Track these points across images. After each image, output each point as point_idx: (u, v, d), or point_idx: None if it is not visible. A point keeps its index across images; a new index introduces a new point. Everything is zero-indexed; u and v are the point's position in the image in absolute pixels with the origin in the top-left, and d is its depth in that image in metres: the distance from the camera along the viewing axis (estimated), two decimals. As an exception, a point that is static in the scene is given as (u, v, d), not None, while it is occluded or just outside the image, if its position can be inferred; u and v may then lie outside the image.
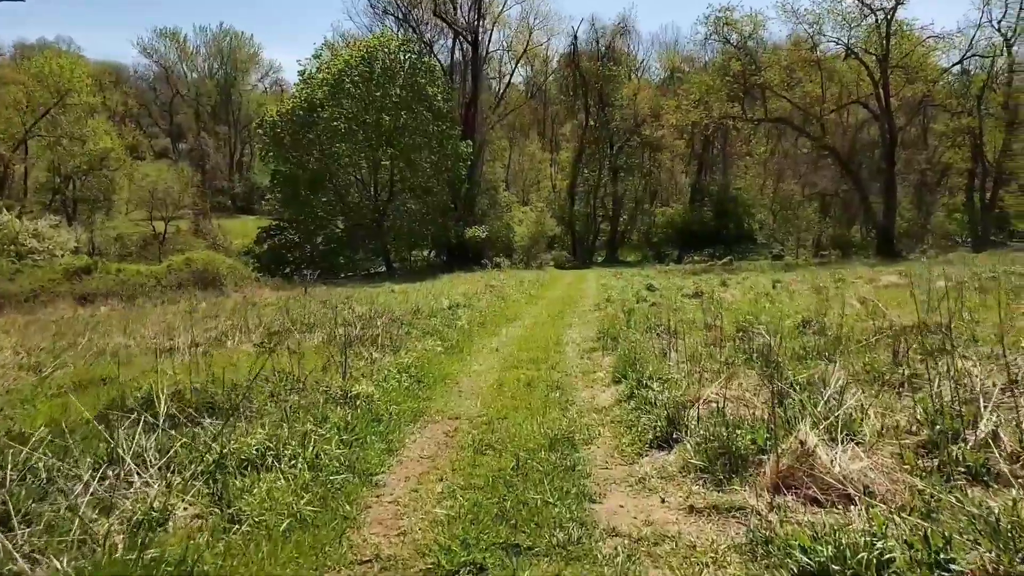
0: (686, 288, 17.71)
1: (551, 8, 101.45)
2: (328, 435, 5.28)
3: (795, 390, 5.45)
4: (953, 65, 34.01)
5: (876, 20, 32.34)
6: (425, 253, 47.39)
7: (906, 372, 5.68)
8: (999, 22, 35.61)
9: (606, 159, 53.40)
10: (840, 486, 3.59)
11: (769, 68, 33.28)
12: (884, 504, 3.39)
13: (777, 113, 34.77)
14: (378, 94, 39.55)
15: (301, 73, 41.97)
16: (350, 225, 41.21)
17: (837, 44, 33.70)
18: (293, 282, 34.26)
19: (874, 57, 32.34)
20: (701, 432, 4.72)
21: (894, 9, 32.15)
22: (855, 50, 33.94)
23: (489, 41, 50.92)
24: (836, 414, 4.34)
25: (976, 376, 4.78)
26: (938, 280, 14.55)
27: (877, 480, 3.58)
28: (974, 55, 35.22)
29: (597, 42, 54.43)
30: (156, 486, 4.12)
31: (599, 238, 55.94)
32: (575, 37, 53.48)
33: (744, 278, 21.81)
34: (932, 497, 3.30)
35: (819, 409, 4.60)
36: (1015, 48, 36.21)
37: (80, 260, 31.02)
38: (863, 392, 5.00)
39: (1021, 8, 35.18)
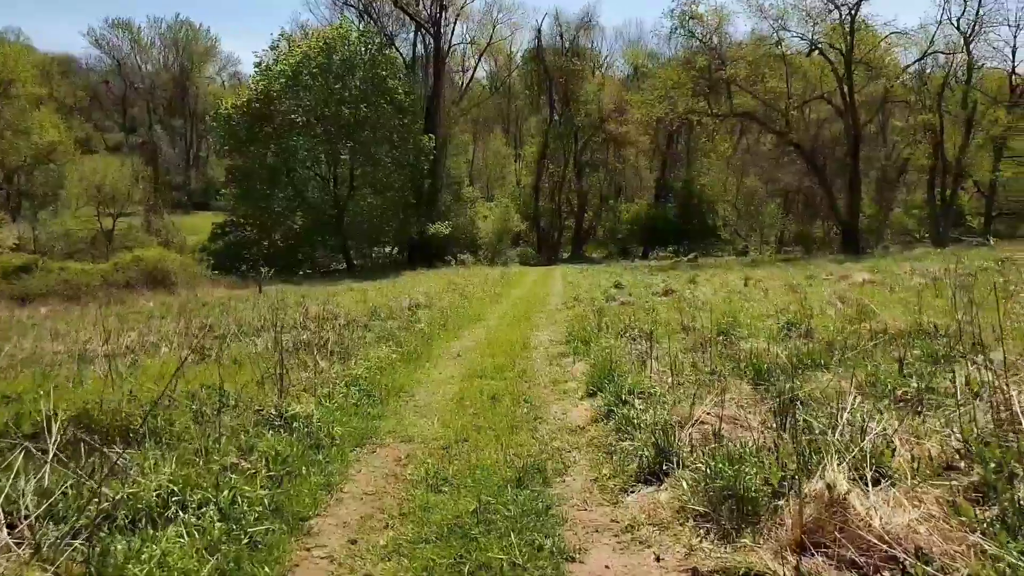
0: (655, 286, 17.07)
1: (515, 1, 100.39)
2: (253, 469, 4.41)
3: (799, 408, 4.73)
4: (915, 62, 33.95)
5: (840, 16, 32.19)
6: (388, 250, 46.33)
7: (921, 386, 5.00)
8: (958, 19, 35.64)
9: (571, 155, 52.79)
10: (883, 546, 2.85)
11: (735, 63, 32.85)
12: (944, 573, 2.67)
13: (742, 108, 34.35)
14: (337, 86, 38.44)
15: (257, 65, 40.56)
16: (309, 221, 40.00)
17: (801, 40, 33.45)
18: (249, 280, 33.11)
19: (838, 52, 32.08)
20: (698, 465, 3.97)
21: (858, 5, 32.06)
22: (819, 45, 33.71)
23: (452, 34, 49.96)
24: (861, 444, 3.62)
25: (1013, 393, 4.08)
26: (914, 277, 14.11)
27: (930, 538, 2.85)
28: (935, 52, 35.22)
29: (561, 36, 53.81)
30: (20, 551, 3.24)
31: (564, 234, 55.38)
32: (539, 31, 52.72)
33: (712, 275, 21.25)
34: (1009, 567, 2.57)
35: (837, 436, 3.87)
36: (972, 46, 36.32)
37: (19, 258, 29.44)
38: (883, 414, 4.29)
39: (980, 5, 35.27)
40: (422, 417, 6.18)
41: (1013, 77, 38.88)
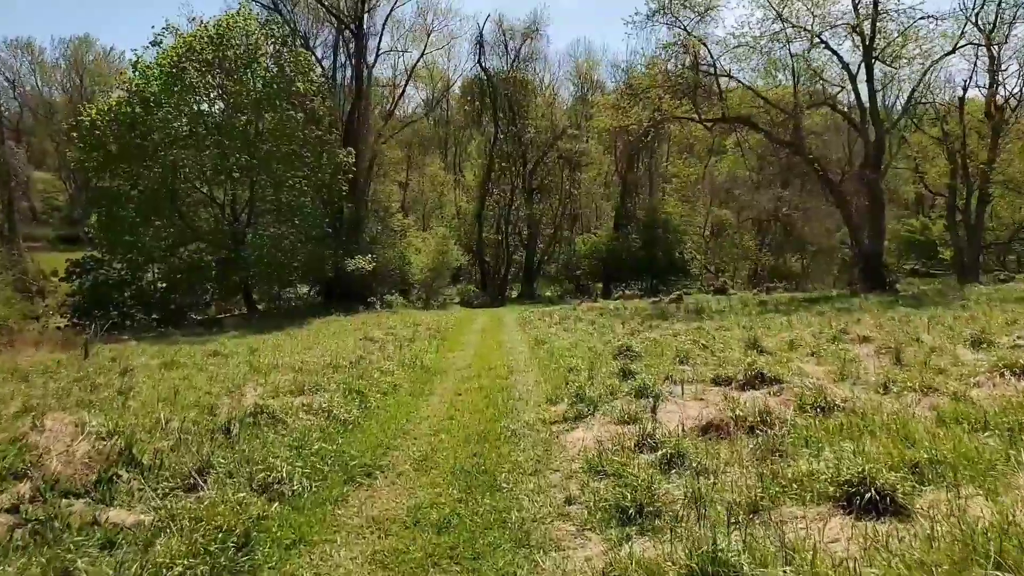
0: (695, 355, 9.77)
1: (451, 7, 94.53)
2: None
3: None
4: (947, 54, 27.55)
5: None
6: (305, 289, 38.31)
7: None
8: (975, 14, 29.54)
9: (519, 178, 45.76)
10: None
11: (733, 51, 26.23)
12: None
13: (735, 113, 27.60)
14: (233, 88, 30.69)
15: (134, 64, 32.28)
16: (198, 256, 31.76)
17: (806, 31, 26.95)
18: (118, 330, 25.06)
19: (856, 43, 25.66)
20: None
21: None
22: (823, 38, 27.24)
23: (380, 41, 42.40)
24: None
25: None
26: None
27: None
28: (970, 43, 28.83)
29: (506, 45, 47.10)
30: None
31: (512, 269, 48.05)
32: (480, 35, 45.82)
33: (747, 327, 14.12)
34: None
35: None
36: (994, 47, 30.35)
37: None
38: None
39: (1001, -1, 29.36)
40: None
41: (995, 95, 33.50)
